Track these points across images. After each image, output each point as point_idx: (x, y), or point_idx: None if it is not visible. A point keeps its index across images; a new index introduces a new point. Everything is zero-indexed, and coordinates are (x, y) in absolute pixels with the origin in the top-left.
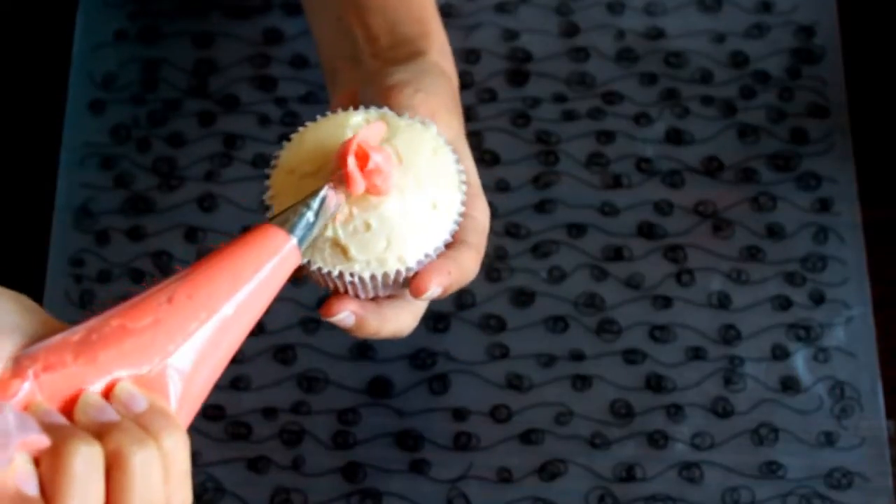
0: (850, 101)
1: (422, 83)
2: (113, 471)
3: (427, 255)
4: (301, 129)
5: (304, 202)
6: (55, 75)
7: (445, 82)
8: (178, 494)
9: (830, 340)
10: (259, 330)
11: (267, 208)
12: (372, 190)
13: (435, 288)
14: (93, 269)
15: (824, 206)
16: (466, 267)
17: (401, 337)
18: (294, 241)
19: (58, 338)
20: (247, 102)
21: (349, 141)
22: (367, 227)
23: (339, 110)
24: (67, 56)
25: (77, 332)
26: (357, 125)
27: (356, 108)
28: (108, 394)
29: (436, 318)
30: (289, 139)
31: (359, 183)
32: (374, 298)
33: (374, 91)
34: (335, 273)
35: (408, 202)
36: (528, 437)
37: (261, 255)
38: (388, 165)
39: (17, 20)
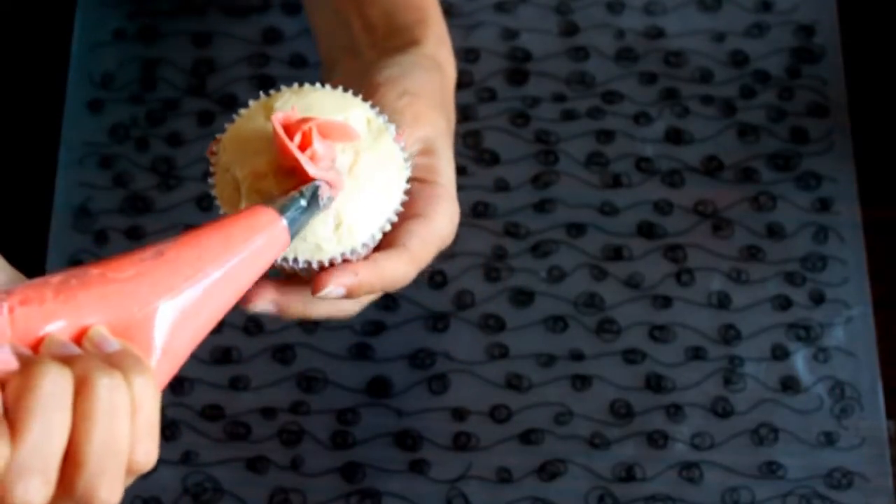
0: (850, 101)
1: (409, 82)
2: (79, 397)
3: (373, 237)
4: (228, 125)
5: (299, 191)
6: (54, 75)
7: (436, 76)
8: (143, 443)
9: (830, 340)
10: (258, 330)
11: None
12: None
13: (333, 288)
14: None
15: (824, 205)
16: (391, 272)
17: (343, 318)
18: (284, 221)
19: (38, 279)
20: (245, 102)
21: (281, 133)
22: None
23: (261, 96)
24: (66, 55)
25: (56, 276)
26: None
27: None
28: (80, 340)
29: (435, 318)
30: (218, 136)
31: (310, 168)
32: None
33: (365, 87)
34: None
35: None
36: (528, 437)
37: (252, 228)
38: (328, 151)
39: (16, 19)
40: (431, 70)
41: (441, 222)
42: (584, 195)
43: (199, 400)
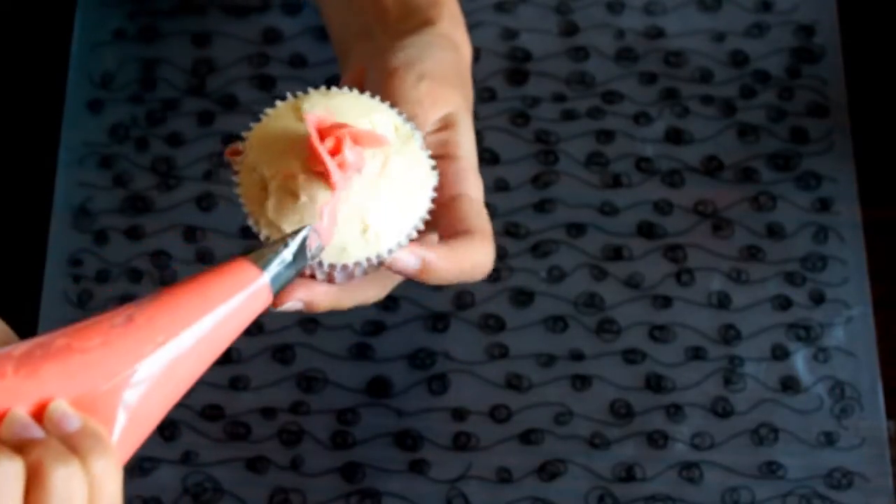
0: (850, 101)
1: (425, 64)
2: (31, 487)
3: (399, 244)
4: (254, 125)
5: (283, 241)
6: (54, 74)
7: (452, 55)
8: None
9: (830, 340)
10: (258, 330)
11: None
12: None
13: (410, 258)
14: (91, 269)
15: (824, 205)
16: (473, 255)
17: (367, 303)
18: (266, 278)
19: (0, 351)
20: (246, 102)
21: (314, 137)
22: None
23: (288, 97)
24: (66, 55)
25: (21, 347)
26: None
27: (361, 87)
28: (42, 414)
29: (435, 318)
30: (246, 132)
31: (338, 178)
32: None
33: (378, 72)
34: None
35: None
36: (528, 437)
37: (230, 287)
38: (358, 159)
39: (16, 19)
40: (447, 49)
41: (478, 192)
42: (584, 195)
43: (198, 400)
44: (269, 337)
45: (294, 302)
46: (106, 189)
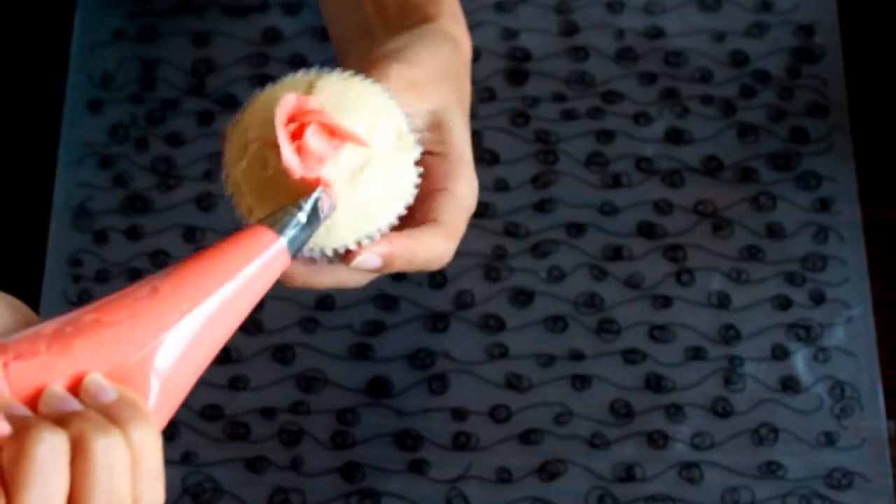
0: (850, 101)
1: (405, 53)
2: (75, 459)
3: (369, 236)
4: (256, 91)
5: (296, 203)
6: (53, 74)
7: (446, 48)
8: (148, 492)
9: (830, 340)
10: (257, 329)
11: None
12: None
13: (368, 256)
14: (91, 269)
15: (824, 205)
16: (432, 246)
17: (346, 289)
18: (283, 241)
19: (31, 329)
20: (245, 101)
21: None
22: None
23: (312, 71)
24: (65, 55)
25: (51, 324)
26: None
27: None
28: (77, 388)
29: (435, 318)
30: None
31: (295, 168)
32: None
33: (366, 64)
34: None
35: (351, 179)
36: (528, 437)
37: (249, 253)
38: (321, 145)
39: (16, 19)
40: (441, 44)
41: (464, 192)
42: (583, 195)
43: (198, 400)
44: (268, 337)
45: (373, 257)
46: (106, 189)
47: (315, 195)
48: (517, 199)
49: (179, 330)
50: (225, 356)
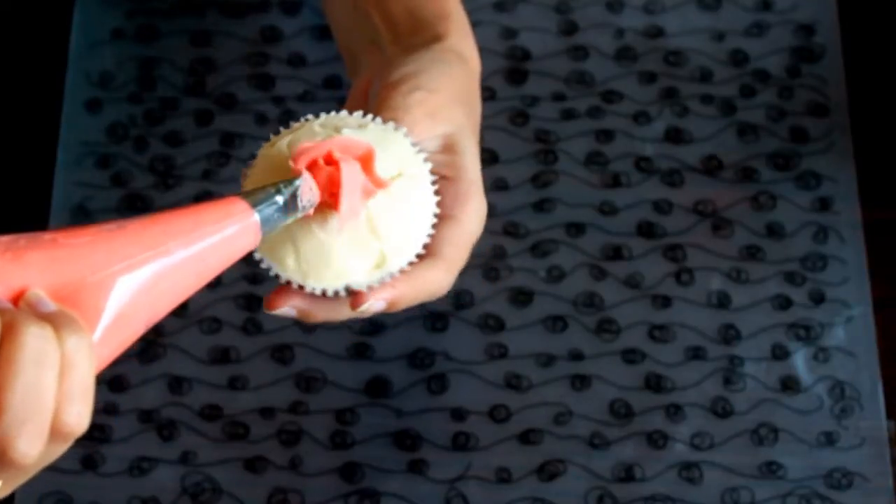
0: (850, 100)
1: (424, 78)
2: (3, 342)
3: (383, 279)
4: (265, 144)
5: (277, 186)
6: (52, 74)
7: (458, 70)
8: (74, 403)
9: (830, 340)
10: (256, 329)
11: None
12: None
13: (374, 302)
14: None
15: (824, 205)
16: (428, 279)
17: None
18: (256, 217)
19: None
20: (244, 101)
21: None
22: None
23: (301, 120)
24: (64, 54)
25: (7, 237)
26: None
27: (367, 95)
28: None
29: (434, 318)
30: (254, 157)
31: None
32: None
33: (380, 86)
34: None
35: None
36: (527, 437)
37: (220, 217)
38: (354, 195)
39: (14, 18)
40: (454, 64)
41: (471, 219)
42: (583, 195)
43: (197, 400)
44: (267, 337)
45: (287, 308)
46: (104, 188)
47: (298, 182)
48: (517, 199)
49: (138, 265)
50: (224, 356)
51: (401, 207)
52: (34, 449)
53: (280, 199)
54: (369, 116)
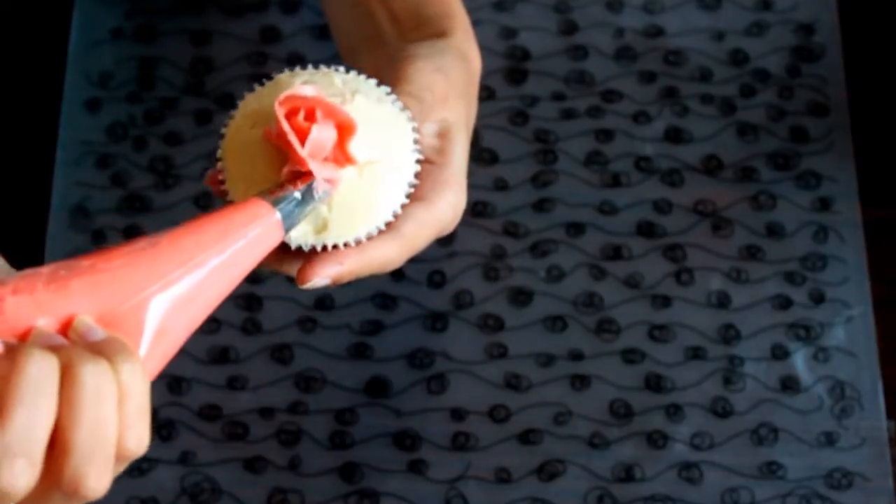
0: (850, 100)
1: (441, 62)
2: (64, 384)
3: (403, 205)
4: (248, 94)
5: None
6: (51, 73)
7: (463, 66)
8: (134, 429)
9: (830, 340)
10: (256, 329)
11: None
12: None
13: (318, 280)
14: None
15: (824, 204)
16: (378, 255)
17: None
18: (278, 215)
19: (29, 270)
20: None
21: (282, 121)
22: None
23: (286, 71)
24: (63, 54)
25: (48, 267)
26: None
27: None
28: (67, 330)
29: (434, 318)
30: (235, 107)
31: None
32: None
33: (399, 63)
34: (319, 248)
35: (352, 181)
36: (527, 437)
37: (246, 219)
38: (325, 138)
39: (14, 18)
40: (459, 59)
41: (442, 207)
42: (583, 194)
43: (196, 400)
44: (267, 336)
45: (320, 279)
46: (104, 188)
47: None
48: (516, 199)
49: (175, 281)
50: (223, 356)
51: (364, 189)
52: (103, 482)
53: (298, 194)
54: (392, 96)
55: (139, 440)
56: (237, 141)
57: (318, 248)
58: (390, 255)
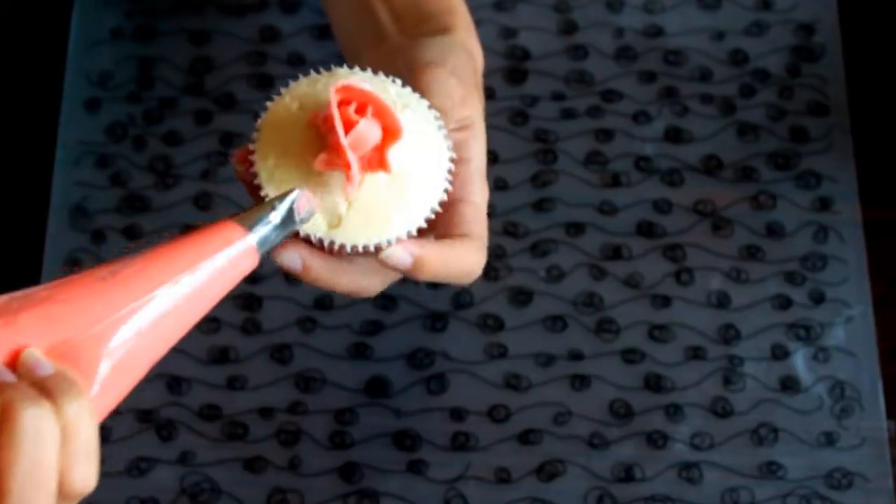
0: (850, 99)
1: (454, 65)
2: (2, 429)
3: (419, 227)
4: (283, 90)
5: (272, 203)
6: (51, 73)
7: (468, 62)
8: (78, 468)
9: (830, 340)
10: (256, 329)
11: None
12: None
13: (402, 252)
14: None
15: (824, 204)
16: (467, 259)
17: (361, 296)
18: (252, 240)
19: None
20: (243, 101)
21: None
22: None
23: (344, 66)
24: (63, 54)
25: (2, 298)
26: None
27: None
28: (15, 363)
29: (434, 318)
30: (272, 99)
31: (355, 170)
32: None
33: (405, 66)
34: (326, 243)
35: (395, 177)
36: (527, 438)
37: (215, 246)
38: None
39: (13, 18)
40: (465, 54)
41: (479, 202)
42: (583, 194)
43: (196, 400)
44: (267, 336)
45: (293, 256)
46: (103, 188)
47: (291, 197)
48: (516, 199)
49: (135, 313)
50: (223, 356)
51: (387, 200)
52: None
53: (276, 216)
54: (440, 122)
55: (84, 479)
56: (280, 115)
57: (325, 244)
58: (474, 258)
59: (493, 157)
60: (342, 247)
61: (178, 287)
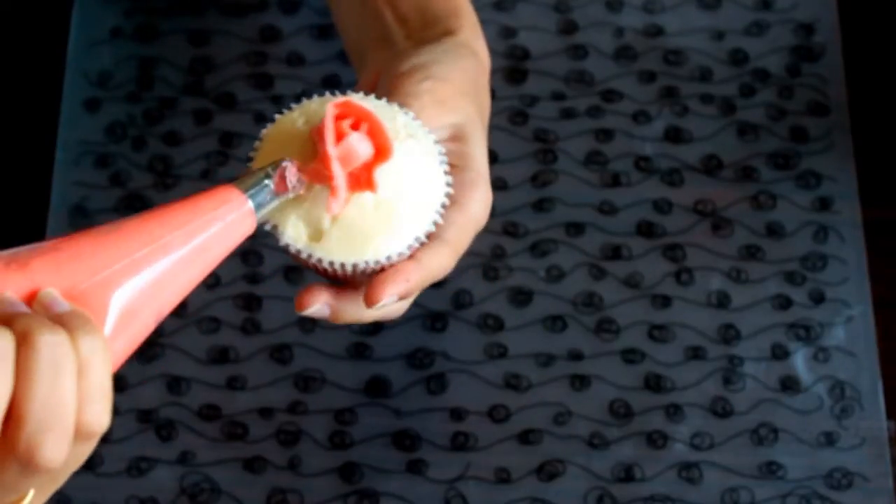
0: (850, 99)
1: (435, 68)
2: (19, 354)
3: (400, 254)
4: (278, 116)
5: (265, 170)
6: (50, 73)
7: (469, 63)
8: (93, 404)
9: (830, 340)
10: (255, 329)
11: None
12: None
13: (388, 299)
14: None
15: (824, 204)
16: (434, 266)
17: (390, 319)
18: (250, 203)
19: None
20: (243, 101)
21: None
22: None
23: (304, 100)
24: (63, 54)
25: (9, 250)
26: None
27: (373, 92)
28: (32, 303)
29: (433, 318)
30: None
31: (340, 188)
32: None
33: (390, 77)
34: (304, 255)
35: (383, 193)
36: (527, 438)
37: (217, 205)
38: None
39: (13, 17)
40: (466, 57)
41: (475, 208)
42: (583, 194)
43: (196, 400)
44: (266, 336)
45: (319, 307)
46: (103, 188)
47: (284, 163)
48: (516, 199)
49: (139, 261)
50: (223, 356)
51: (371, 223)
52: (60, 453)
53: (270, 182)
54: (445, 157)
55: (98, 416)
56: (283, 128)
57: (304, 257)
58: (444, 262)
59: (492, 157)
60: (320, 261)
61: (178, 240)
